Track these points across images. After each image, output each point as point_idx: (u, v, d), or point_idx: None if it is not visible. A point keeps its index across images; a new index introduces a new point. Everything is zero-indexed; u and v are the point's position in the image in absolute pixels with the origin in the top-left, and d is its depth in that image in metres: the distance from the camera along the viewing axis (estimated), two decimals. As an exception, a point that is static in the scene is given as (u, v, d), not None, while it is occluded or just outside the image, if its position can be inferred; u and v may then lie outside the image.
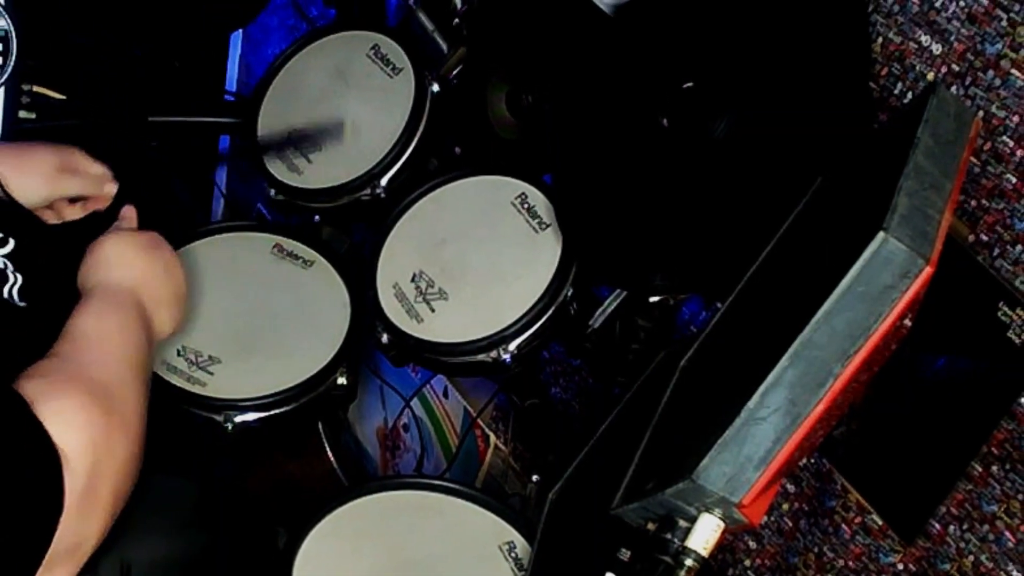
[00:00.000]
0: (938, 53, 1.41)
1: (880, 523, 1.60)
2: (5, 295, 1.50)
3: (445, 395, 2.48)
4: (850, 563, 1.66)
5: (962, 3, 1.38)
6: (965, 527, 1.47)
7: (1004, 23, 1.32)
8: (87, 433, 1.26)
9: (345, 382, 1.87)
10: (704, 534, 1.05)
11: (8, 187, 1.68)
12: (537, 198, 1.84)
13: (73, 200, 1.79)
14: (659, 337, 1.69)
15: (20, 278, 1.52)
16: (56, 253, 1.59)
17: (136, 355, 1.44)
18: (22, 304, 1.52)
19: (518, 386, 1.95)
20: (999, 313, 1.38)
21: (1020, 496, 1.45)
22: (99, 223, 1.74)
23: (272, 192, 2.06)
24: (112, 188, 1.78)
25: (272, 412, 1.83)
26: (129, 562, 1.53)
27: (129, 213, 1.68)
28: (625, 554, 1.19)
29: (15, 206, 1.67)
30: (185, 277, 1.64)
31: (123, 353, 1.42)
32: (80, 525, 1.24)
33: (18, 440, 1.22)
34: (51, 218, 1.77)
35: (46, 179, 1.73)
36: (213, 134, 2.93)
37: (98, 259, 1.55)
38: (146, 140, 2.35)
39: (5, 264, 1.50)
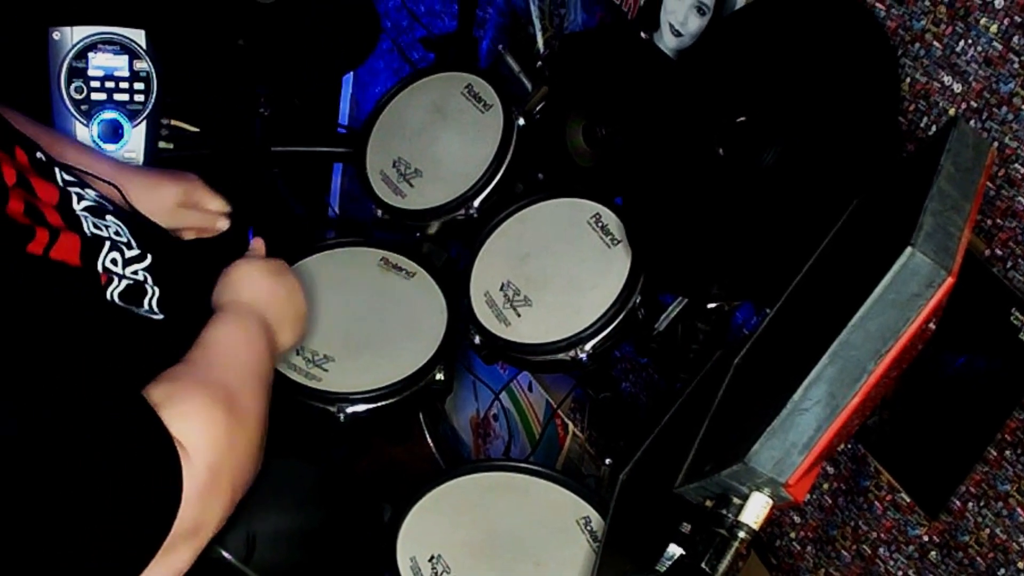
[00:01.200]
0: (958, 91, 1.40)
1: (908, 500, 1.58)
2: (145, 307, 1.50)
3: (529, 389, 2.48)
4: (882, 535, 1.62)
5: (979, 48, 1.36)
6: (982, 504, 1.47)
7: (1016, 65, 1.32)
8: (209, 432, 1.29)
9: (442, 378, 1.86)
10: (755, 510, 1.07)
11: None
12: (609, 217, 1.83)
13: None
14: (715, 339, 1.67)
15: (158, 291, 1.52)
16: (188, 268, 1.61)
17: (259, 365, 1.47)
18: (159, 316, 1.51)
19: (593, 381, 1.93)
20: (1011, 318, 1.38)
21: (1030, 477, 1.46)
22: (228, 245, 1.75)
23: (379, 212, 2.06)
24: (224, 224, 1.81)
25: (379, 404, 1.83)
26: (254, 534, 1.50)
27: (259, 244, 1.69)
28: (686, 527, 1.20)
29: (151, 223, 1.69)
30: (305, 296, 1.67)
31: (247, 361, 1.45)
32: (200, 513, 1.26)
33: (141, 439, 1.24)
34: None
35: (168, 213, 1.78)
36: (327, 162, 2.95)
37: (231, 281, 1.58)
38: (269, 167, 2.37)
39: (145, 277, 1.50)
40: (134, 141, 2.14)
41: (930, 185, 1.10)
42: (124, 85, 2.12)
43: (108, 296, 1.43)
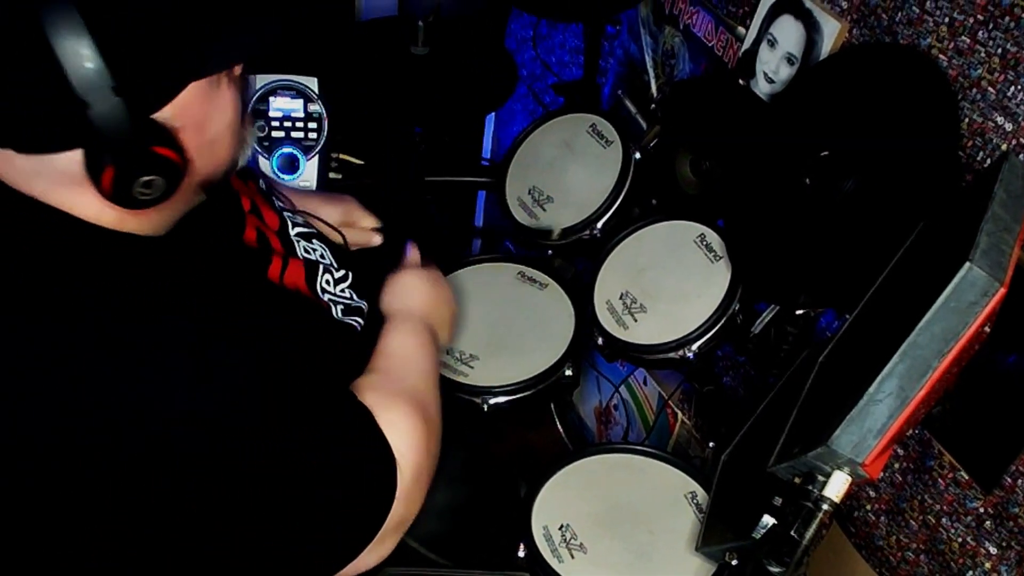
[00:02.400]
0: (1009, 130, 1.38)
1: (966, 477, 1.55)
2: (361, 321, 1.48)
3: (644, 383, 2.44)
4: (944, 507, 1.60)
5: None
6: None
7: (1059, 108, 1.30)
8: (412, 438, 1.27)
9: (571, 373, 1.86)
10: (836, 486, 1.09)
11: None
12: (712, 237, 1.81)
13: None
14: (803, 340, 1.65)
15: (366, 305, 1.51)
16: (376, 282, 1.59)
17: (433, 368, 1.45)
18: (361, 327, 1.49)
19: (698, 376, 1.91)
20: (1055, 323, 1.35)
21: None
22: (387, 258, 1.72)
23: (516, 232, 2.06)
24: (377, 239, 1.77)
25: (517, 396, 1.82)
26: None
27: (414, 254, 1.66)
28: (778, 501, 1.21)
29: (341, 245, 1.66)
30: (455, 301, 1.65)
31: (426, 367, 1.43)
32: (405, 510, 1.25)
33: (367, 446, 1.24)
34: None
35: (338, 221, 1.74)
36: (473, 190, 2.94)
37: (400, 289, 1.56)
38: (423, 194, 2.36)
39: (351, 295, 1.49)
40: (308, 172, 2.23)
41: (985, 209, 1.11)
42: (300, 124, 2.20)
43: (335, 315, 1.43)
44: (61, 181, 1.07)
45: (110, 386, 1.06)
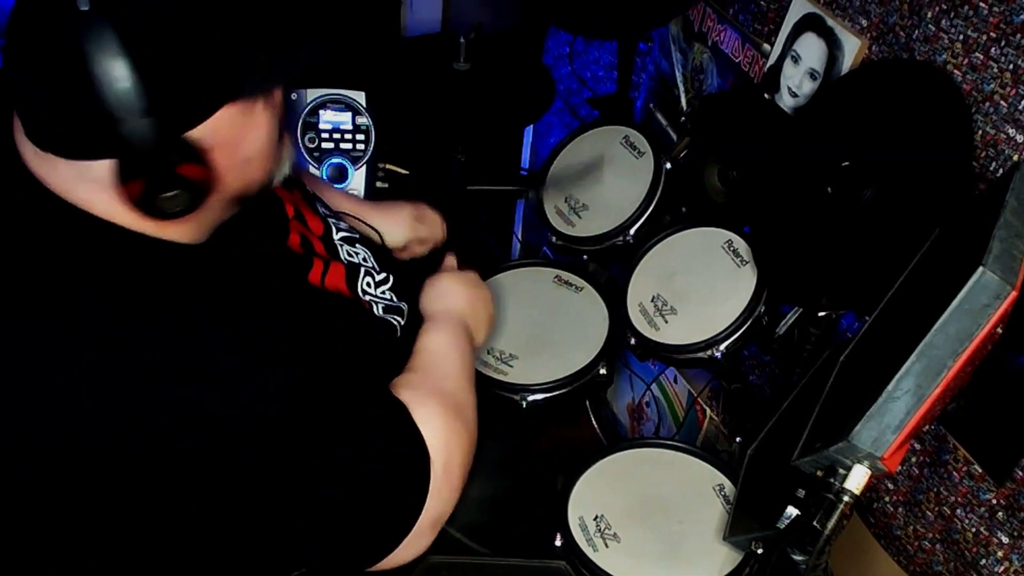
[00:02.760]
0: (1020, 141, 1.38)
1: (980, 471, 1.54)
2: (402, 320, 1.48)
3: (675, 381, 2.44)
4: (958, 499, 1.59)
5: None
6: None
7: (1068, 121, 1.29)
8: (444, 435, 1.26)
9: (605, 372, 1.85)
10: (857, 479, 1.10)
11: (382, 234, 1.71)
12: (739, 243, 1.82)
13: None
14: (825, 340, 1.64)
15: (406, 306, 1.51)
16: (415, 283, 1.59)
17: (468, 366, 1.44)
18: (401, 326, 1.48)
19: (726, 375, 1.92)
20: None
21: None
22: (429, 261, 1.76)
23: (553, 239, 2.08)
24: (445, 231, 1.82)
25: (554, 393, 1.83)
26: None
27: (451, 259, 1.67)
28: (801, 493, 1.22)
29: (386, 249, 1.71)
30: (493, 302, 1.64)
31: (461, 366, 1.42)
32: (439, 503, 1.25)
33: (402, 440, 1.24)
34: (404, 256, 1.81)
35: (408, 226, 1.80)
36: (512, 198, 2.93)
37: (437, 291, 1.55)
38: (465, 202, 2.34)
39: (391, 297, 1.49)
40: (356, 181, 2.25)
41: (998, 216, 1.10)
42: (348, 136, 2.23)
43: (377, 313, 1.43)
44: (99, 188, 1.08)
45: (133, 387, 1.07)
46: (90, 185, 1.08)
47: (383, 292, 1.48)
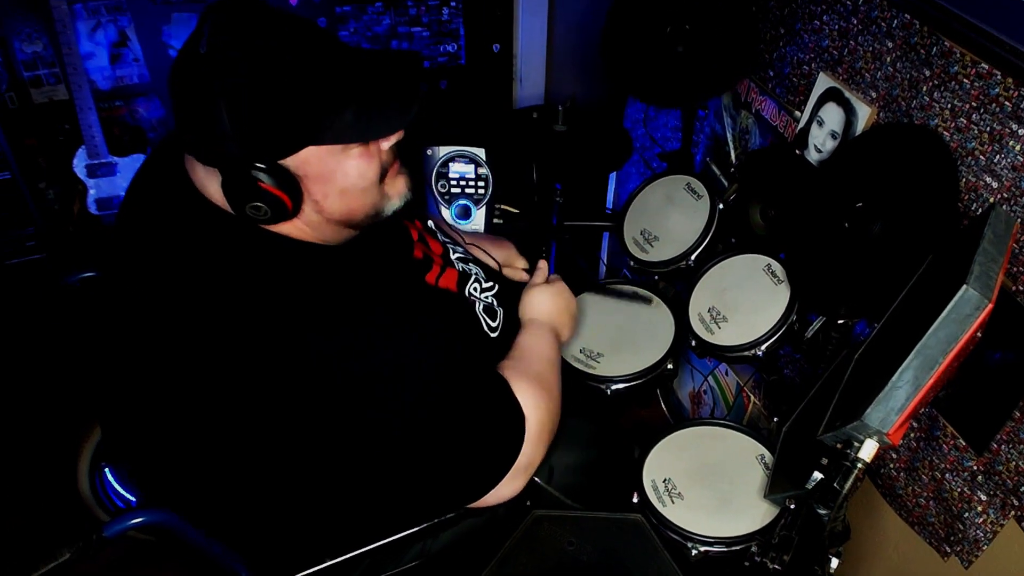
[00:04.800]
0: (995, 187, 1.38)
1: (963, 444, 1.53)
2: (497, 321, 1.48)
3: (726, 373, 2.42)
4: (947, 466, 1.58)
5: (1008, 160, 1.35)
6: (1010, 446, 1.44)
7: (1033, 172, 1.30)
8: (533, 402, 1.32)
9: (672, 367, 1.85)
10: (868, 450, 1.10)
11: (493, 256, 1.75)
12: (776, 267, 1.80)
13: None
14: (843, 342, 1.63)
15: (502, 312, 1.51)
16: (513, 296, 1.59)
17: (555, 358, 1.48)
18: (497, 325, 1.49)
19: (766, 368, 1.85)
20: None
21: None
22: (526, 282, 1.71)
23: (631, 263, 2.04)
24: (525, 276, 1.76)
25: (632, 383, 1.83)
26: (552, 466, 1.55)
27: (543, 267, 1.65)
28: (824, 461, 1.22)
29: (496, 270, 1.72)
30: (577, 306, 1.64)
31: (548, 357, 1.46)
32: (531, 452, 1.30)
33: (506, 404, 1.29)
34: (508, 275, 1.77)
35: (514, 256, 1.83)
36: (599, 232, 2.92)
37: (530, 302, 1.56)
38: (563, 235, 2.33)
39: (493, 301, 1.49)
40: (477, 219, 2.31)
41: (977, 245, 1.11)
42: (471, 183, 2.27)
43: (477, 310, 1.44)
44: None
45: (380, 348, 1.13)
46: (216, 186, 1.12)
47: (486, 296, 1.49)
